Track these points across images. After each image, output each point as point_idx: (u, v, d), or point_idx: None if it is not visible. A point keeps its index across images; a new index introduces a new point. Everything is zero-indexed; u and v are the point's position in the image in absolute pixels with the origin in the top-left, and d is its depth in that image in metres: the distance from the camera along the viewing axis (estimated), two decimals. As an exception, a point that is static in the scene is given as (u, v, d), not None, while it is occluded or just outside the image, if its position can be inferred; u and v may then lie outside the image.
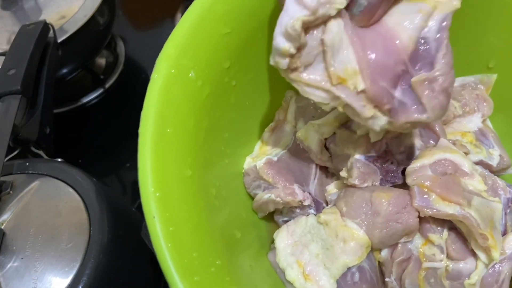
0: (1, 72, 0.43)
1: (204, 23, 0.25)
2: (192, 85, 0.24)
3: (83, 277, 0.32)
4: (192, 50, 0.24)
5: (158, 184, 0.21)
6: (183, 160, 0.23)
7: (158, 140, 0.22)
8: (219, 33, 0.25)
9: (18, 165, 0.39)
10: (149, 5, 0.82)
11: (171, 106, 0.23)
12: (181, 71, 0.23)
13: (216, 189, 0.27)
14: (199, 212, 0.23)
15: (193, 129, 0.24)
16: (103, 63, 0.72)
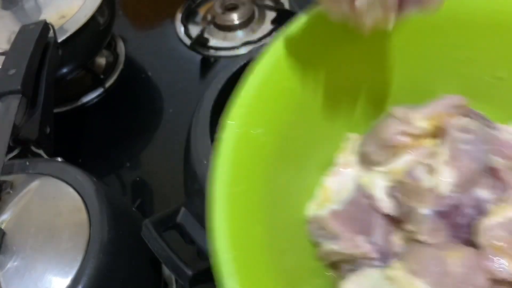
0: (1, 71, 0.43)
1: (267, 84, 0.26)
2: (258, 141, 0.25)
3: (83, 277, 0.32)
4: (258, 108, 0.25)
5: (233, 243, 0.21)
6: (253, 216, 0.24)
7: (230, 198, 0.22)
8: (282, 88, 0.26)
9: (18, 164, 0.39)
10: (150, 5, 0.82)
11: (240, 163, 0.24)
12: (247, 130, 0.24)
13: (283, 239, 0.27)
14: (270, 264, 0.24)
15: (261, 183, 0.25)
16: (103, 63, 0.72)
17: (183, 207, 0.36)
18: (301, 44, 0.28)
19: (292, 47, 0.28)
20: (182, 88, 0.67)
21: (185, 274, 0.31)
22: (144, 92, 0.68)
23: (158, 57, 0.72)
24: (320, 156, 0.32)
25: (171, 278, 0.45)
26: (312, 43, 0.29)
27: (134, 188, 0.57)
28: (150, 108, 0.65)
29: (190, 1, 0.77)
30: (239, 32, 0.72)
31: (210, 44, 0.71)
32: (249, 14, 0.72)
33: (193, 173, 0.37)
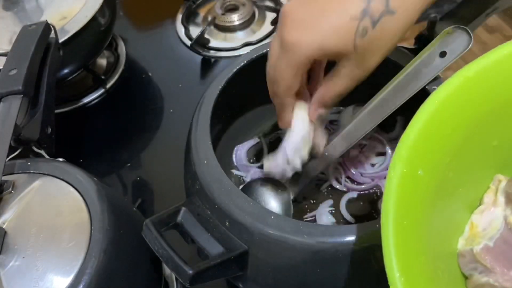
0: (3, 72, 0.43)
1: (430, 127, 0.28)
2: (421, 181, 0.28)
3: (84, 276, 0.32)
4: (420, 151, 0.28)
5: (402, 270, 0.24)
6: (417, 247, 0.27)
7: (398, 230, 0.25)
8: (442, 134, 0.29)
9: (20, 164, 0.39)
10: (150, 6, 0.82)
11: (405, 200, 0.26)
12: (412, 170, 0.27)
13: (440, 270, 0.30)
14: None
15: (422, 219, 0.28)
16: (104, 63, 0.72)
17: (184, 207, 0.36)
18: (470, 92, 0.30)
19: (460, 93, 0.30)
20: (183, 88, 0.67)
21: (186, 273, 0.31)
22: (145, 92, 0.68)
23: (158, 58, 0.72)
24: (470, 195, 0.34)
25: (171, 277, 0.45)
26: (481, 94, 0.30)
27: (134, 188, 0.57)
28: (151, 108, 0.66)
29: (191, 2, 0.77)
30: (239, 33, 0.73)
31: (210, 44, 0.71)
32: (249, 15, 0.72)
33: (193, 173, 0.38)
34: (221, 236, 0.34)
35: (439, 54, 0.37)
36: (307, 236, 0.32)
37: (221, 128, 0.49)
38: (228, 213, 0.34)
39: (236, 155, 0.52)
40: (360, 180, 0.48)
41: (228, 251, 0.33)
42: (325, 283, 0.34)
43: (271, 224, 0.33)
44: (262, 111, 0.52)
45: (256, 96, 0.51)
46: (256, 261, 0.34)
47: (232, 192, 0.35)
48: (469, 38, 0.35)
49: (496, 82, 0.30)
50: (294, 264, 0.33)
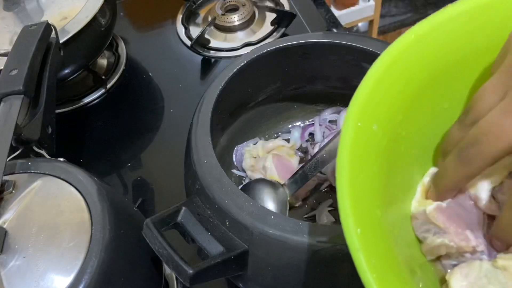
0: (4, 72, 0.43)
1: (383, 83, 0.28)
2: (375, 136, 0.27)
3: (85, 276, 0.32)
4: (374, 106, 0.28)
5: (358, 222, 0.23)
6: (373, 201, 0.26)
7: (353, 184, 0.25)
8: (394, 91, 0.29)
9: (20, 164, 0.39)
10: (151, 6, 0.82)
11: (359, 154, 0.26)
12: (366, 125, 0.27)
13: (395, 232, 0.29)
14: (390, 247, 0.27)
15: (377, 174, 0.27)
16: (104, 63, 0.72)
17: (184, 206, 0.36)
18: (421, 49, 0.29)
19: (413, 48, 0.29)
20: (183, 88, 0.67)
21: (186, 273, 0.31)
22: (145, 92, 0.68)
23: (159, 58, 0.73)
24: (423, 158, 0.34)
25: (172, 277, 0.45)
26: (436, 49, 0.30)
27: (135, 188, 0.57)
28: (151, 108, 0.66)
29: (191, 2, 0.77)
30: (240, 33, 0.73)
31: (210, 45, 0.71)
32: (249, 16, 0.72)
33: (193, 172, 0.38)
34: (221, 235, 0.34)
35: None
36: (307, 236, 0.32)
37: (221, 128, 0.49)
38: (228, 213, 0.34)
39: (236, 155, 0.52)
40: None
41: (228, 251, 0.33)
42: (325, 283, 0.34)
43: (271, 224, 0.33)
44: (262, 111, 0.53)
45: (256, 96, 0.51)
46: (256, 260, 0.34)
47: (232, 192, 0.35)
48: None
49: (448, 40, 0.29)
50: (294, 263, 0.33)
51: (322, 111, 0.54)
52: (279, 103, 0.53)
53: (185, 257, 0.32)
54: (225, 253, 0.33)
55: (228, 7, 0.74)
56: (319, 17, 0.73)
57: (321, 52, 0.46)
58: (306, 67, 0.49)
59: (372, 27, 1.63)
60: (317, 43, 0.45)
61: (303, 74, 0.50)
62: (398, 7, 1.92)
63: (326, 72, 0.49)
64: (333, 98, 0.53)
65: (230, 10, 0.74)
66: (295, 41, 0.45)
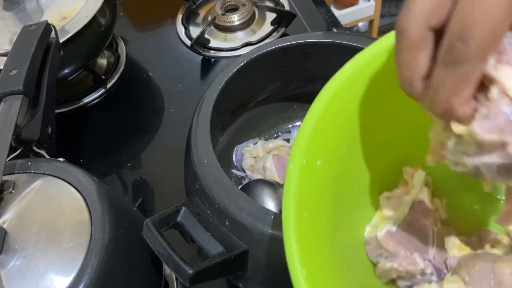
0: (3, 72, 0.43)
1: (325, 119, 0.29)
2: (320, 171, 0.28)
3: (85, 276, 0.32)
4: (318, 142, 0.28)
5: (303, 262, 0.24)
6: (320, 239, 0.27)
7: (299, 223, 0.25)
8: (337, 125, 0.29)
9: (20, 164, 0.39)
10: (150, 6, 0.82)
11: (306, 191, 0.27)
12: (310, 161, 0.27)
13: (346, 259, 0.30)
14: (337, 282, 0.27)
15: (324, 208, 0.28)
16: (104, 63, 0.72)
17: (184, 206, 0.36)
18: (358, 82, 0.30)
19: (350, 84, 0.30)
20: (183, 88, 0.67)
21: (186, 273, 0.31)
22: (145, 92, 0.68)
23: (159, 58, 0.73)
24: (374, 184, 0.34)
25: (171, 277, 0.45)
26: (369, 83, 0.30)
27: (135, 188, 0.57)
28: (151, 108, 0.66)
29: (191, 2, 0.77)
30: (239, 33, 0.73)
31: (210, 45, 0.71)
32: (249, 15, 0.72)
33: (193, 173, 0.38)
34: (221, 235, 0.34)
35: None
36: (307, 236, 0.32)
37: (221, 128, 0.49)
38: (228, 213, 0.34)
39: (236, 155, 0.52)
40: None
41: (228, 251, 0.33)
42: (325, 283, 0.34)
43: (271, 224, 0.33)
44: (262, 111, 0.53)
45: (256, 96, 0.51)
46: (256, 260, 0.34)
47: (232, 192, 0.35)
48: None
49: (376, 75, 0.30)
50: (294, 263, 0.33)
51: (322, 111, 0.54)
52: (279, 103, 0.53)
53: (185, 257, 0.32)
54: (225, 253, 0.33)
55: (228, 7, 0.74)
56: (319, 17, 0.73)
57: (321, 52, 0.46)
58: (306, 67, 0.49)
59: (372, 27, 1.63)
60: (317, 43, 0.45)
61: (303, 74, 0.50)
62: (398, 7, 1.93)
63: (326, 72, 0.49)
64: (333, 98, 0.53)
65: (230, 10, 0.74)
66: (295, 41, 0.45)
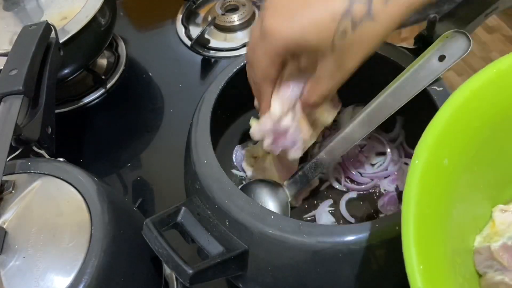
0: (3, 72, 0.43)
1: (459, 118, 0.28)
2: (445, 171, 0.28)
3: (85, 276, 0.32)
4: (447, 141, 0.28)
5: (421, 258, 0.24)
6: (437, 237, 0.27)
7: (419, 219, 0.25)
8: (470, 126, 0.29)
9: (20, 164, 0.39)
10: (150, 6, 0.82)
11: (428, 188, 0.26)
12: (437, 159, 0.27)
13: (458, 264, 0.30)
14: (453, 283, 0.27)
15: (443, 210, 0.28)
16: (104, 63, 0.72)
17: (184, 206, 0.36)
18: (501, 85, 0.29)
19: (491, 86, 0.29)
20: (183, 88, 0.67)
21: (186, 273, 0.31)
22: (145, 92, 0.68)
23: (159, 58, 0.73)
24: (492, 192, 0.34)
25: (171, 277, 0.45)
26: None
27: (135, 188, 0.57)
28: (151, 108, 0.66)
29: (191, 2, 0.77)
30: (239, 33, 0.73)
31: (210, 45, 0.71)
32: (249, 15, 0.72)
33: (193, 173, 0.38)
34: (221, 235, 0.34)
35: (438, 58, 0.37)
36: (307, 236, 0.32)
37: (221, 128, 0.49)
38: (228, 213, 0.34)
39: (236, 155, 0.52)
40: (360, 180, 0.48)
41: (228, 251, 0.33)
42: (324, 283, 0.34)
43: (271, 224, 0.33)
44: (262, 111, 0.52)
45: (256, 96, 0.51)
46: (256, 260, 0.34)
47: (232, 192, 0.35)
48: (468, 42, 0.35)
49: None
50: (294, 263, 0.33)
51: (322, 111, 0.54)
52: (279, 103, 0.53)
53: (185, 257, 0.32)
54: (225, 253, 0.33)
55: (228, 7, 0.74)
56: (319, 17, 0.73)
57: (321, 52, 0.46)
58: (306, 67, 0.48)
59: (372, 27, 1.62)
60: (317, 43, 0.45)
61: (303, 74, 0.50)
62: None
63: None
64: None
65: (230, 10, 0.74)
66: (295, 41, 0.45)
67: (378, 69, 0.39)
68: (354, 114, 0.50)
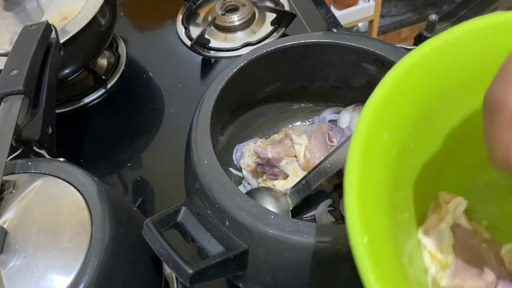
0: (4, 72, 0.43)
1: (396, 93, 0.28)
2: (385, 145, 0.28)
3: (85, 276, 0.32)
4: (385, 115, 0.28)
5: (364, 230, 0.24)
6: (380, 209, 0.26)
7: (360, 190, 0.25)
8: (407, 102, 0.29)
9: (21, 164, 0.39)
10: (151, 6, 0.82)
11: (369, 159, 0.26)
12: (377, 132, 0.27)
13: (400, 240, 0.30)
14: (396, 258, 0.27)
15: (385, 183, 0.28)
16: (104, 63, 0.73)
17: (184, 206, 0.36)
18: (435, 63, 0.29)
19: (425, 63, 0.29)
20: (183, 88, 0.67)
21: (186, 273, 0.31)
22: (145, 92, 0.68)
23: (159, 58, 0.73)
24: (428, 178, 0.34)
25: (172, 277, 0.45)
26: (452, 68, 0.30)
27: (135, 188, 0.57)
28: (151, 108, 0.66)
29: (191, 2, 0.78)
30: (240, 33, 0.73)
31: (210, 45, 0.71)
32: (249, 16, 0.73)
33: (193, 172, 0.38)
34: (221, 235, 0.34)
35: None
36: (307, 236, 0.32)
37: (221, 128, 0.50)
38: (228, 213, 0.34)
39: (236, 155, 0.52)
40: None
41: (228, 251, 0.33)
42: (324, 283, 0.34)
43: (271, 224, 0.33)
44: (262, 111, 0.53)
45: (256, 96, 0.51)
46: (256, 260, 0.34)
47: (232, 192, 0.35)
48: None
49: (462, 56, 0.29)
50: (294, 263, 0.33)
51: (322, 110, 0.54)
52: (279, 103, 0.53)
53: (185, 257, 0.32)
54: (225, 253, 0.33)
55: (228, 7, 0.74)
56: (319, 17, 0.73)
57: (321, 52, 0.46)
58: (306, 67, 0.49)
59: (372, 27, 1.63)
60: (317, 43, 0.45)
61: (303, 74, 0.50)
62: (398, 7, 1.92)
63: (326, 72, 0.49)
64: (333, 98, 0.53)
65: (230, 10, 0.74)
66: (295, 41, 0.45)
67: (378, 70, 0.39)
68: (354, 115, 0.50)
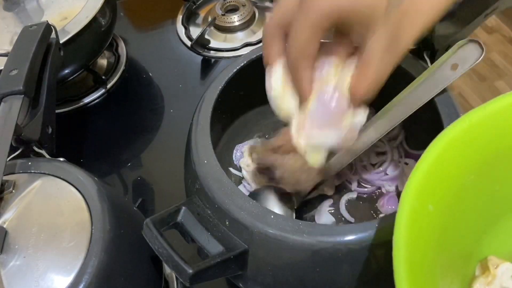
0: (4, 72, 0.43)
1: (439, 166, 0.29)
2: (430, 216, 0.29)
3: (85, 276, 0.32)
4: (430, 188, 0.29)
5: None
6: (428, 279, 0.28)
7: (409, 262, 0.26)
8: (450, 174, 0.30)
9: (21, 164, 0.39)
10: (151, 6, 0.82)
11: (415, 233, 0.27)
12: (422, 204, 0.28)
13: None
14: None
15: (431, 255, 0.29)
16: (104, 63, 0.73)
17: (184, 206, 0.36)
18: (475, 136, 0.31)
19: (466, 137, 0.30)
20: (183, 88, 0.67)
21: (186, 272, 0.31)
22: (145, 92, 0.68)
23: (159, 58, 0.73)
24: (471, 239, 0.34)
25: (172, 276, 0.45)
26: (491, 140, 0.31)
27: (135, 188, 0.57)
28: (151, 108, 0.66)
29: (191, 2, 0.78)
30: (240, 34, 0.73)
31: (210, 45, 0.71)
32: (249, 16, 0.73)
33: (193, 172, 0.38)
34: (221, 235, 0.34)
35: (451, 66, 0.37)
36: (307, 236, 0.32)
37: (221, 128, 0.49)
38: (228, 213, 0.34)
39: (236, 155, 0.52)
40: (363, 183, 0.48)
41: (228, 250, 0.33)
42: (324, 283, 0.34)
43: (271, 224, 0.33)
44: (262, 111, 0.53)
45: (256, 96, 0.51)
46: (256, 260, 0.34)
47: (232, 192, 0.35)
48: (481, 50, 0.35)
49: (501, 128, 0.31)
50: (294, 263, 0.33)
51: (322, 111, 0.54)
52: (279, 103, 0.53)
53: (185, 257, 0.32)
54: (225, 252, 0.33)
55: (228, 8, 0.74)
56: (319, 17, 0.73)
57: (321, 52, 0.46)
58: (306, 67, 0.48)
59: (372, 27, 1.62)
60: (317, 43, 0.45)
61: (303, 74, 0.50)
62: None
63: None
64: (333, 98, 0.53)
65: (230, 11, 0.74)
66: (295, 41, 0.45)
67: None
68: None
